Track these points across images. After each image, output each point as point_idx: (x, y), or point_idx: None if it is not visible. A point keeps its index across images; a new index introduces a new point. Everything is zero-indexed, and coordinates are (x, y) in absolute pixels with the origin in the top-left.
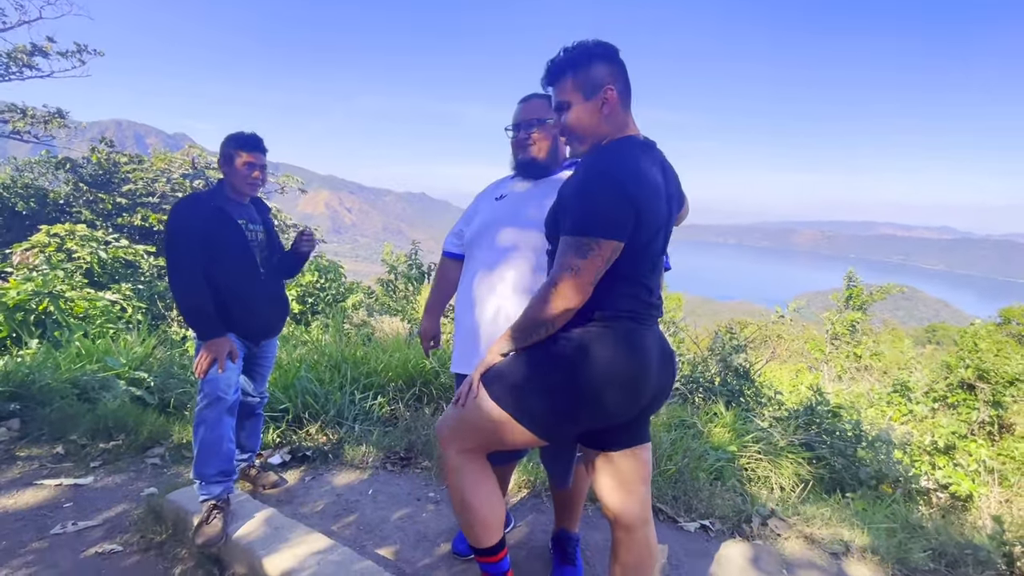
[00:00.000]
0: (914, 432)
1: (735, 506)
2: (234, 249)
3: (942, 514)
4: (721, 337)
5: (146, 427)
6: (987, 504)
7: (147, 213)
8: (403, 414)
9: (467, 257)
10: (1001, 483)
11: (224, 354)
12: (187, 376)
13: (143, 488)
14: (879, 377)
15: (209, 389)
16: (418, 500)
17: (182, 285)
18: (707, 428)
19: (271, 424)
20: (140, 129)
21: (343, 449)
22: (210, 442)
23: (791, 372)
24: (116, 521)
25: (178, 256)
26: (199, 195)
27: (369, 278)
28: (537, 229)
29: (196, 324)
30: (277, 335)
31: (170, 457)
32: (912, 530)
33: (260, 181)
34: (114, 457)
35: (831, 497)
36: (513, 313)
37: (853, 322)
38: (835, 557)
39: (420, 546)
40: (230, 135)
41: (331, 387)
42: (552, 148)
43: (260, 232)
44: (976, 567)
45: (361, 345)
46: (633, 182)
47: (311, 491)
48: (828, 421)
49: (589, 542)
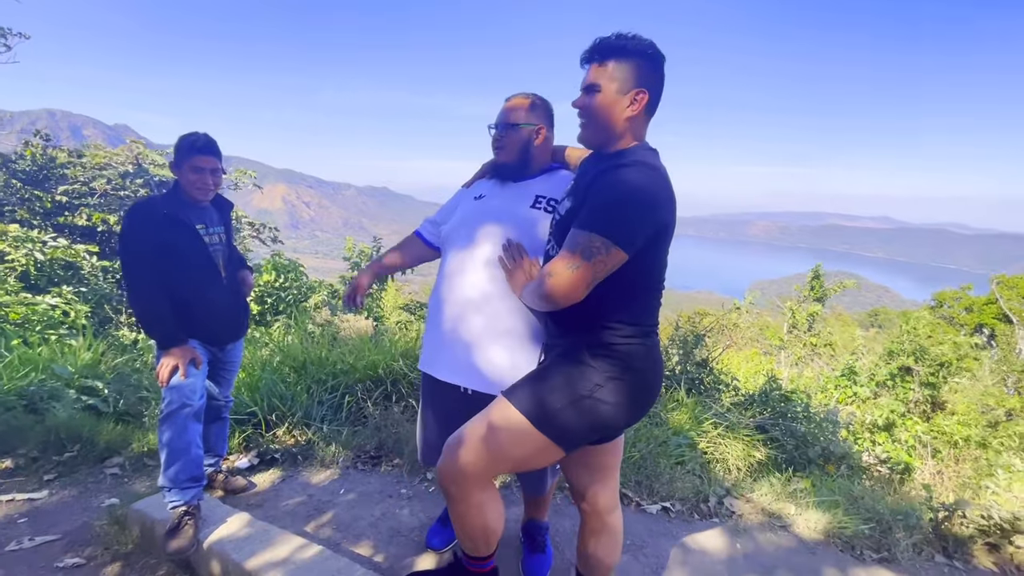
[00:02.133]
0: (857, 412)
1: (694, 488)
2: (193, 256)
3: (882, 486)
4: (683, 328)
5: (102, 437)
6: (921, 476)
7: (91, 212)
8: (372, 413)
9: (443, 255)
10: (934, 456)
11: (186, 361)
12: (143, 382)
13: (104, 500)
14: (828, 361)
15: (173, 396)
16: (390, 497)
17: (138, 294)
18: (669, 415)
19: (236, 428)
20: (76, 120)
21: (312, 450)
22: (178, 449)
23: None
24: (76, 534)
25: (133, 265)
26: (153, 200)
27: (331, 275)
28: (513, 230)
29: (155, 333)
30: (242, 338)
31: (131, 467)
32: (853, 501)
33: (212, 186)
34: (69, 469)
35: (782, 475)
36: (486, 316)
37: (812, 314)
38: (784, 529)
39: (394, 542)
40: (182, 137)
41: (297, 388)
42: (520, 152)
43: (221, 234)
44: (907, 531)
45: (327, 345)
46: (664, 205)
47: (281, 493)
48: (781, 405)
49: (558, 529)
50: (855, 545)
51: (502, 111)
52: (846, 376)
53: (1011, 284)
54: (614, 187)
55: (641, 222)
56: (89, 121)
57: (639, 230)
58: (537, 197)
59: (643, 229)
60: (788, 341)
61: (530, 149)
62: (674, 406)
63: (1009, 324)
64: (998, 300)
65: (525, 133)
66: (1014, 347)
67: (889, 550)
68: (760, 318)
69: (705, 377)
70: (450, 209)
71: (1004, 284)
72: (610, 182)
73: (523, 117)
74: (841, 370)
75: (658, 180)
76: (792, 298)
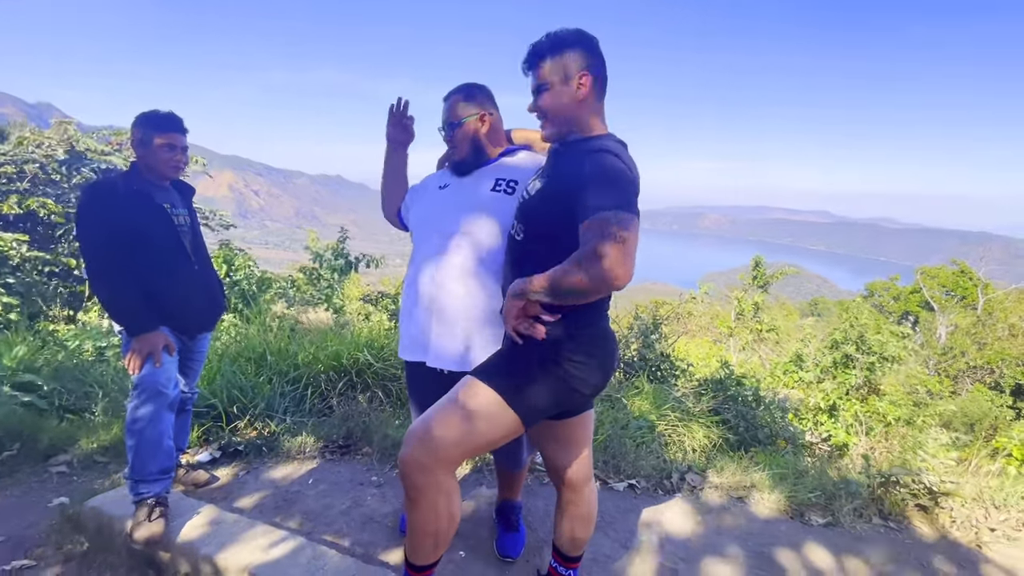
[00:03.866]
0: (803, 396)
1: (657, 466)
2: (161, 237)
3: (821, 463)
4: (643, 318)
5: (45, 434)
6: (856, 451)
7: (21, 199)
8: (337, 404)
9: (414, 245)
10: (868, 434)
11: (159, 348)
12: (85, 378)
13: (51, 499)
14: (772, 347)
15: (146, 384)
16: (361, 485)
17: (104, 279)
18: (630, 400)
19: (194, 421)
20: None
21: (278, 442)
22: (150, 439)
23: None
24: (22, 536)
25: (96, 248)
26: (113, 179)
27: (284, 266)
28: (488, 214)
29: (124, 319)
30: (213, 328)
31: (79, 464)
32: (799, 475)
33: (182, 164)
34: (9, 469)
35: (735, 454)
36: (468, 298)
37: (757, 303)
38: (741, 501)
39: (367, 528)
40: (143, 115)
41: (258, 380)
42: (472, 144)
43: (185, 216)
44: (848, 498)
45: (286, 337)
46: (636, 177)
47: (247, 486)
48: (733, 389)
49: (531, 509)
50: (804, 512)
51: (444, 110)
52: (793, 363)
53: (932, 274)
54: (608, 166)
55: (636, 195)
56: (7, 98)
57: (636, 197)
58: (497, 180)
59: (636, 197)
60: (736, 328)
61: (479, 139)
62: (635, 392)
63: (931, 311)
64: (922, 289)
65: (470, 126)
66: (935, 332)
67: (833, 515)
68: (711, 307)
69: (663, 364)
70: (417, 195)
71: (927, 274)
72: (599, 163)
73: (463, 111)
74: (790, 356)
75: (625, 154)
76: (738, 287)
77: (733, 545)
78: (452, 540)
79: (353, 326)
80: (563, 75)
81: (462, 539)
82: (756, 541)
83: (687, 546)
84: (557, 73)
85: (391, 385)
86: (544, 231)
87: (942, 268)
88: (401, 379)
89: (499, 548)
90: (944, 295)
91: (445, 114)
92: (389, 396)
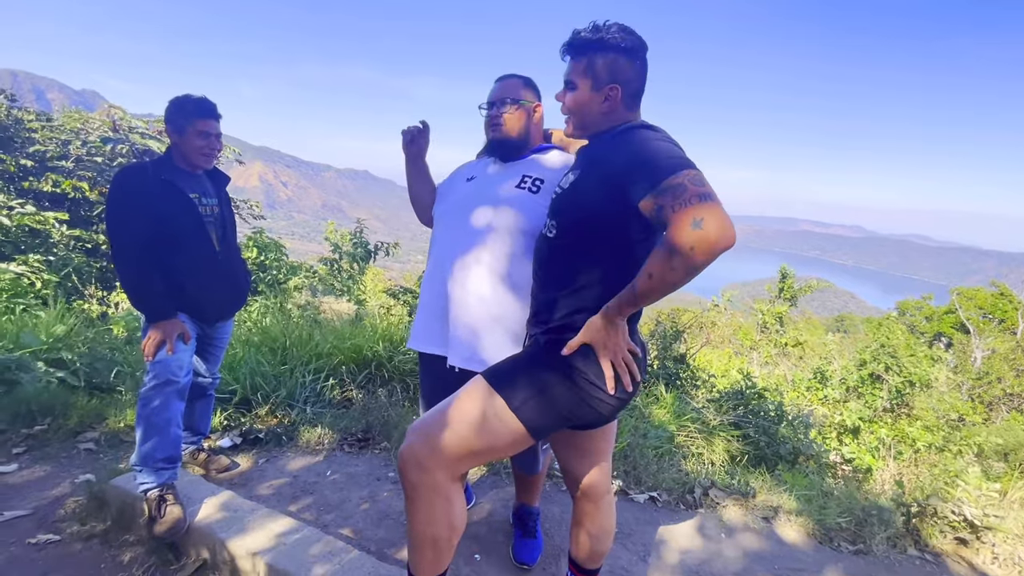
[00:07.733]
0: (828, 413)
1: (679, 479)
2: (187, 227)
3: (848, 486)
4: (663, 325)
5: (75, 411)
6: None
7: (58, 179)
8: (356, 397)
9: (435, 234)
10: (896, 458)
11: (174, 335)
12: (116, 357)
13: (77, 475)
14: (796, 362)
15: (158, 370)
16: (378, 480)
17: (128, 265)
18: (649, 409)
19: (217, 406)
20: (40, 83)
21: (297, 431)
22: (157, 425)
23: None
24: (49, 510)
25: (122, 233)
26: (144, 165)
27: (308, 257)
28: (512, 211)
29: (143, 305)
30: (234, 316)
31: (106, 442)
32: (826, 497)
33: (215, 151)
34: (40, 443)
35: (757, 470)
36: (487, 296)
37: (780, 314)
38: (767, 521)
39: (383, 524)
40: (177, 99)
41: (280, 368)
42: (524, 127)
43: (215, 206)
44: (880, 525)
45: (308, 326)
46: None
47: (266, 474)
48: (754, 402)
49: (548, 515)
50: (832, 538)
51: (497, 88)
52: (817, 379)
53: (969, 295)
54: (645, 138)
55: (685, 153)
56: (55, 84)
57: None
58: (523, 176)
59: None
60: (759, 342)
61: (529, 125)
62: (653, 400)
63: (966, 334)
64: (957, 310)
65: (526, 109)
66: (970, 355)
67: (865, 543)
68: (734, 319)
69: (683, 373)
70: (444, 191)
71: (963, 295)
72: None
73: (523, 93)
74: (813, 372)
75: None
76: (763, 299)
77: (759, 568)
78: (467, 542)
79: (375, 318)
80: (593, 81)
81: (477, 541)
82: (783, 565)
83: (709, 565)
84: (587, 76)
85: (410, 380)
86: (581, 219)
87: (979, 289)
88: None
89: (515, 554)
90: (981, 317)
91: (500, 91)
92: (408, 392)
